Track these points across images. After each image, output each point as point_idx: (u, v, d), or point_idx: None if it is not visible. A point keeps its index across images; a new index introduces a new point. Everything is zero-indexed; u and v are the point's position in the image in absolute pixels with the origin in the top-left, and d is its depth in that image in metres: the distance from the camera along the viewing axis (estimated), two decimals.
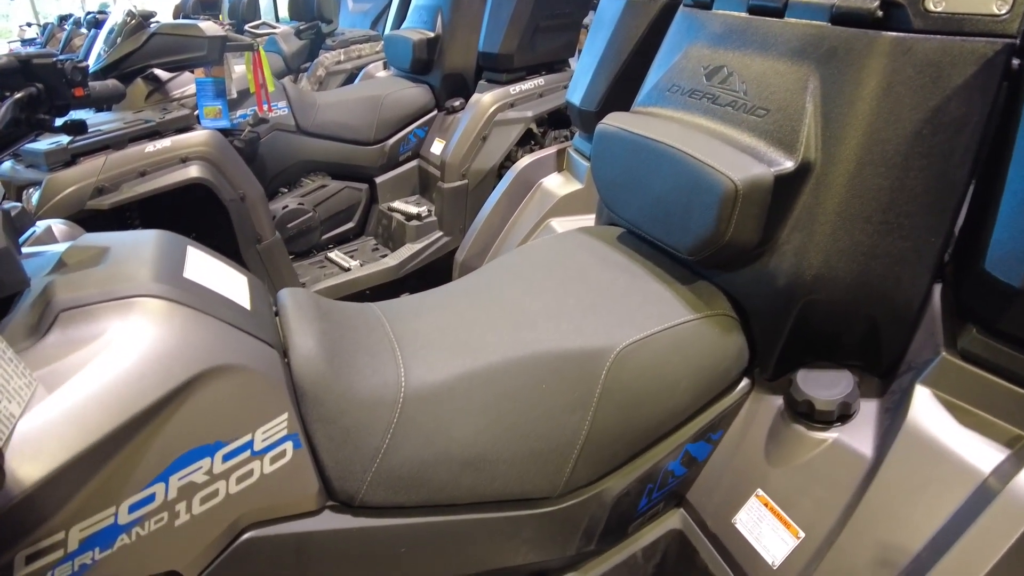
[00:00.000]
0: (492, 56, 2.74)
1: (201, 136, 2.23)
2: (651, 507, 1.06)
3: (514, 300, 1.03)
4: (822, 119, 0.95)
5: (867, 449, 0.94)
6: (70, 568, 0.66)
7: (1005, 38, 0.86)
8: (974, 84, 0.88)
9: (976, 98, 0.88)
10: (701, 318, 1.01)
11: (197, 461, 0.72)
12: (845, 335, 1.02)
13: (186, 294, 0.77)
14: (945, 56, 0.89)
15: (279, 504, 0.80)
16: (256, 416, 0.76)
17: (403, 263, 2.75)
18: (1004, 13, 0.86)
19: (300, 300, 0.93)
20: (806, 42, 1.00)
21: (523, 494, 0.93)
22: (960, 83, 0.88)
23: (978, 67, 0.87)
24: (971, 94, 0.88)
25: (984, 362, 0.90)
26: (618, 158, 1.15)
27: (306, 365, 0.83)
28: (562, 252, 1.18)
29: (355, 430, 0.83)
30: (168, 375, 0.70)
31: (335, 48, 4.33)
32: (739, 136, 1.01)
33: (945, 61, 0.89)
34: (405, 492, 0.86)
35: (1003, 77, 0.87)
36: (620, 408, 0.94)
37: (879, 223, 0.93)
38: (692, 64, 1.16)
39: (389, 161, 2.99)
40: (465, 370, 0.90)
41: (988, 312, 0.88)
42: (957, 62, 0.88)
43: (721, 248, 0.98)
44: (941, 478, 0.85)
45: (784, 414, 1.03)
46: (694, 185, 0.98)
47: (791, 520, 0.96)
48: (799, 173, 0.95)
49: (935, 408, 0.90)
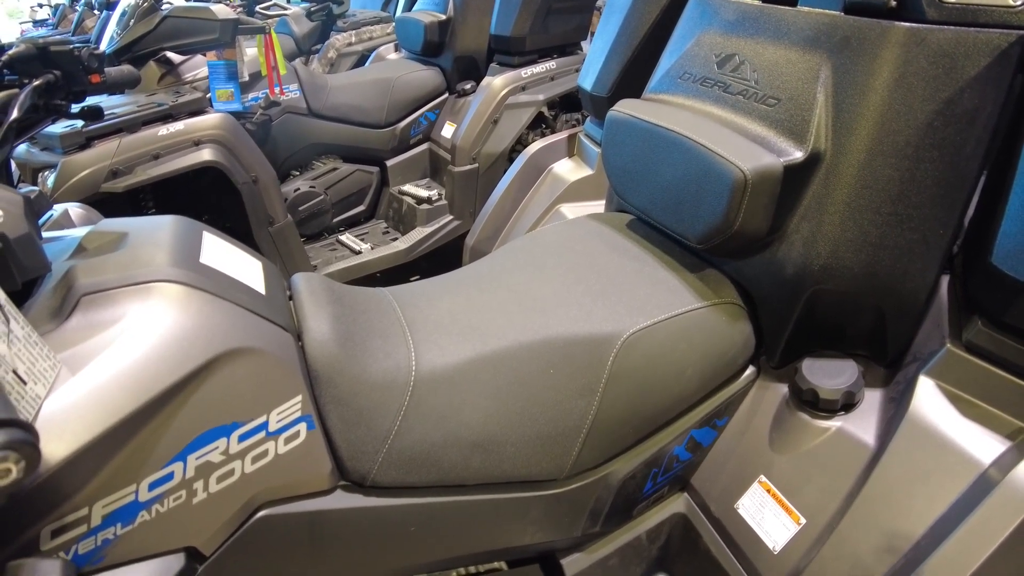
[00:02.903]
0: (504, 39, 2.73)
1: (214, 119, 2.24)
2: (656, 491, 1.07)
3: (524, 286, 1.04)
4: (833, 109, 0.96)
5: (870, 438, 0.95)
6: (93, 543, 0.68)
7: (1020, 29, 0.86)
8: (988, 76, 0.88)
9: (989, 90, 0.88)
10: (708, 306, 1.02)
11: (214, 441, 0.74)
12: (851, 325, 1.03)
13: (202, 279, 0.79)
14: (959, 47, 0.88)
15: (293, 483, 0.82)
16: (271, 398, 0.78)
17: (413, 246, 2.76)
18: (1019, 4, 0.86)
19: (314, 285, 0.94)
20: (819, 31, 0.99)
21: (531, 476, 0.95)
22: (974, 75, 0.88)
23: (992, 59, 0.87)
24: (984, 86, 0.88)
25: (989, 355, 0.91)
26: (629, 145, 1.16)
27: (319, 348, 0.85)
28: (572, 238, 1.19)
29: (367, 412, 0.85)
30: (186, 358, 0.72)
31: (346, 30, 4.32)
32: (749, 125, 1.02)
33: (959, 52, 0.89)
34: (416, 472, 0.88)
35: (1018, 69, 0.87)
36: (626, 394, 0.95)
37: (888, 214, 0.94)
38: (704, 51, 1.16)
39: (400, 144, 3.00)
40: (475, 354, 0.92)
41: (994, 305, 0.89)
42: (971, 53, 0.88)
43: (730, 237, 0.98)
44: (942, 468, 0.86)
45: (789, 402, 1.04)
46: (704, 174, 0.98)
47: (793, 506, 0.97)
48: (809, 163, 0.96)
49: (938, 399, 0.91)
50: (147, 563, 0.72)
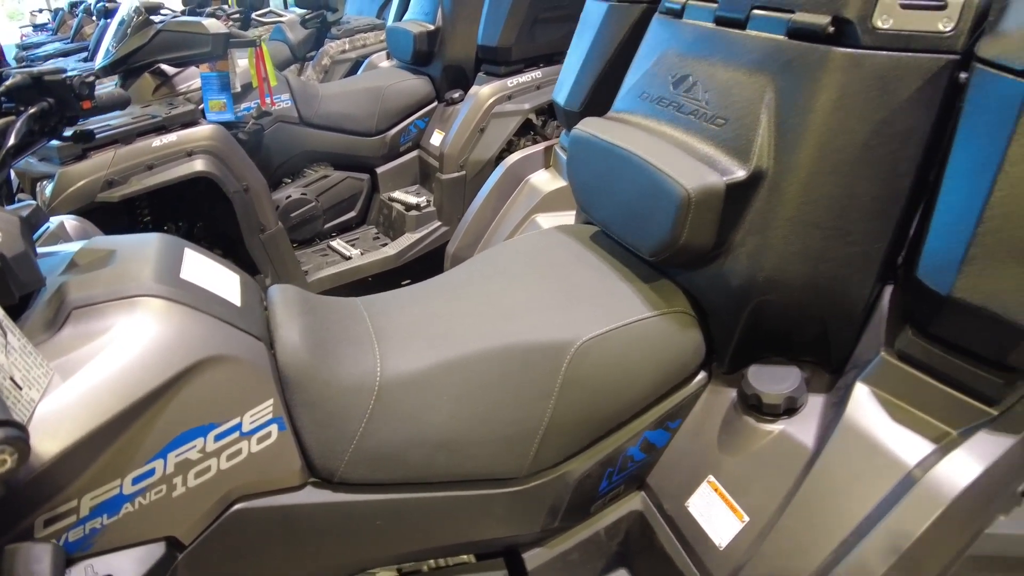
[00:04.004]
0: (490, 48, 2.79)
1: (206, 130, 2.32)
2: (612, 489, 1.14)
3: (489, 295, 1.12)
4: (776, 129, 1.01)
5: (810, 441, 1.01)
6: (82, 532, 0.76)
7: (950, 54, 0.91)
8: (919, 98, 0.93)
9: (922, 111, 0.93)
10: (660, 315, 1.09)
11: (192, 440, 0.82)
12: (796, 333, 1.09)
13: (183, 293, 0.87)
14: (893, 71, 0.94)
15: (265, 480, 0.89)
16: (244, 401, 0.86)
17: (403, 252, 2.83)
18: (949, 31, 0.91)
19: (288, 296, 1.02)
20: (765, 54, 1.05)
21: (492, 474, 1.01)
22: (906, 97, 0.94)
23: (924, 82, 0.93)
24: (917, 107, 0.93)
25: (918, 363, 0.96)
26: (590, 163, 1.23)
27: (290, 355, 0.92)
28: (539, 249, 1.26)
29: (335, 414, 0.92)
30: (166, 365, 0.80)
31: (340, 37, 4.39)
32: (698, 145, 1.08)
33: (893, 76, 0.94)
34: (381, 471, 0.95)
35: (948, 91, 0.92)
36: (580, 397, 1.02)
37: (828, 229, 1.00)
38: (662, 71, 1.23)
39: (390, 151, 3.07)
40: (439, 360, 0.99)
41: (921, 316, 0.95)
42: (904, 77, 0.93)
43: (678, 251, 1.05)
44: (872, 469, 0.92)
45: (737, 406, 1.10)
46: (653, 191, 1.05)
47: (737, 505, 1.03)
48: (752, 181, 1.02)
49: (872, 404, 0.97)
50: (131, 551, 0.80)
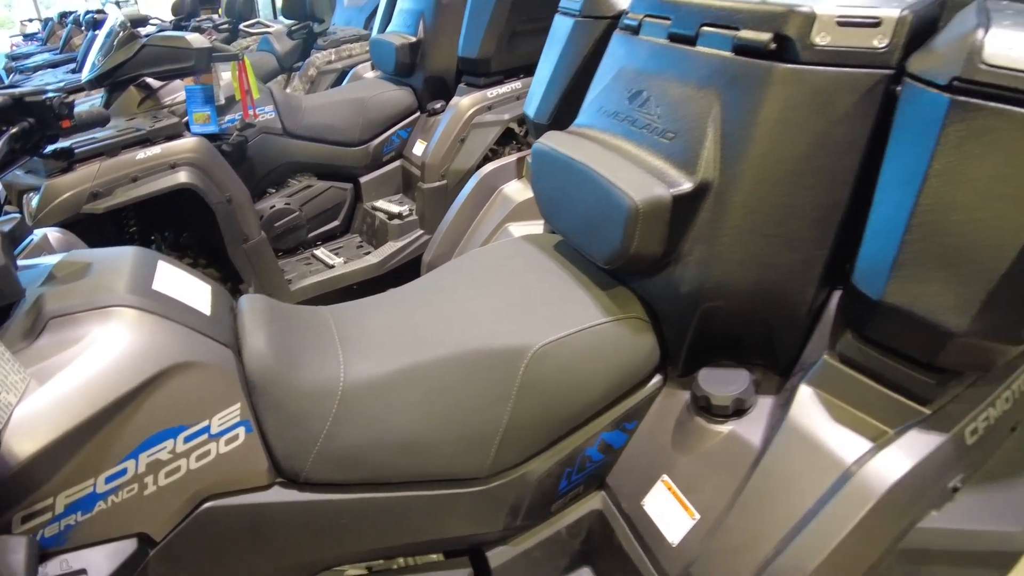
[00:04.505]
0: (470, 60, 2.85)
1: (189, 143, 2.36)
2: (571, 489, 1.19)
3: (451, 303, 1.17)
4: (722, 142, 1.05)
5: (757, 441, 1.05)
6: (57, 528, 0.81)
7: (885, 69, 0.96)
8: (857, 111, 0.97)
9: (858, 123, 0.98)
10: (615, 320, 1.14)
11: (163, 442, 0.87)
12: (744, 337, 1.14)
13: (154, 303, 0.92)
14: (831, 85, 0.98)
15: (234, 479, 0.94)
16: (213, 405, 0.91)
17: (385, 260, 2.88)
18: (883, 47, 0.95)
19: (256, 306, 1.07)
20: (712, 70, 1.09)
21: (454, 474, 1.06)
22: (845, 110, 0.98)
23: (860, 95, 0.97)
24: (854, 120, 0.98)
25: (858, 365, 1.01)
26: (550, 175, 1.28)
27: (256, 361, 0.97)
28: (502, 258, 1.31)
29: (299, 417, 0.97)
30: (137, 371, 0.85)
31: (326, 48, 4.44)
32: (649, 158, 1.13)
33: (831, 90, 0.98)
34: (345, 471, 1.00)
35: (883, 104, 0.97)
36: (537, 400, 1.07)
37: (772, 237, 1.04)
38: (619, 87, 1.27)
39: (373, 161, 3.12)
40: (401, 365, 1.04)
41: (859, 320, 1.00)
42: (842, 91, 0.97)
43: (630, 259, 1.10)
44: (813, 467, 0.96)
45: (689, 408, 1.15)
46: (606, 203, 1.10)
47: (689, 503, 1.08)
48: (698, 192, 1.06)
49: (814, 405, 1.01)
50: (104, 546, 0.85)
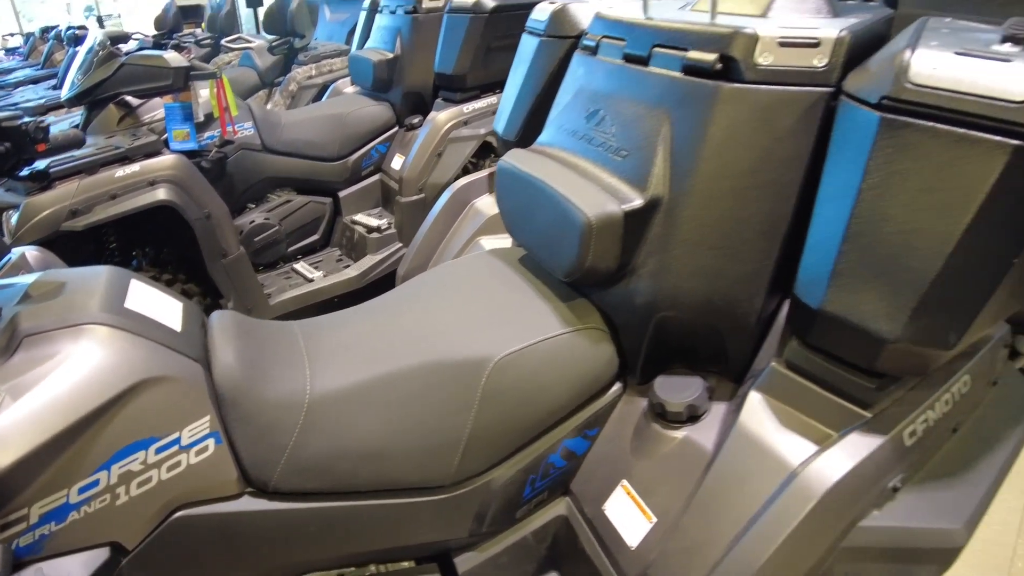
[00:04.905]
0: (446, 76, 2.89)
1: (168, 160, 2.39)
2: (536, 495, 1.22)
3: (418, 316, 1.21)
4: (671, 159, 1.10)
5: (710, 445, 1.09)
6: (32, 537, 0.85)
7: (824, 87, 1.01)
8: (798, 127, 1.02)
9: (800, 139, 1.02)
10: (574, 331, 1.18)
11: (134, 453, 0.91)
12: (698, 346, 1.18)
13: (126, 320, 0.96)
14: (774, 103, 1.02)
15: (204, 489, 0.97)
16: (183, 417, 0.95)
17: (364, 273, 2.92)
18: (823, 66, 1.00)
19: (226, 321, 1.10)
20: (663, 90, 1.13)
21: (419, 483, 1.10)
22: (787, 127, 1.02)
23: (802, 112, 1.01)
24: (796, 136, 1.02)
25: (803, 371, 1.05)
26: (513, 192, 1.32)
27: (225, 375, 1.00)
28: (470, 271, 1.35)
29: (267, 428, 1.00)
30: (109, 385, 0.89)
31: (307, 63, 4.48)
32: (604, 175, 1.17)
33: (774, 107, 1.02)
34: (312, 480, 1.03)
35: (824, 121, 1.01)
36: (499, 409, 1.11)
37: (720, 249, 1.09)
38: (578, 106, 1.32)
39: (352, 176, 3.16)
40: (366, 377, 1.07)
41: (802, 327, 1.04)
42: (784, 108, 1.02)
43: (586, 272, 1.14)
44: (761, 470, 1.00)
45: (647, 414, 1.19)
46: (563, 219, 1.14)
47: (647, 507, 1.12)
48: (648, 208, 1.11)
49: (762, 410, 1.05)
50: (78, 555, 0.88)
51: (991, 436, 1.14)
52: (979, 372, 1.15)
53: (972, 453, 1.10)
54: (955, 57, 0.85)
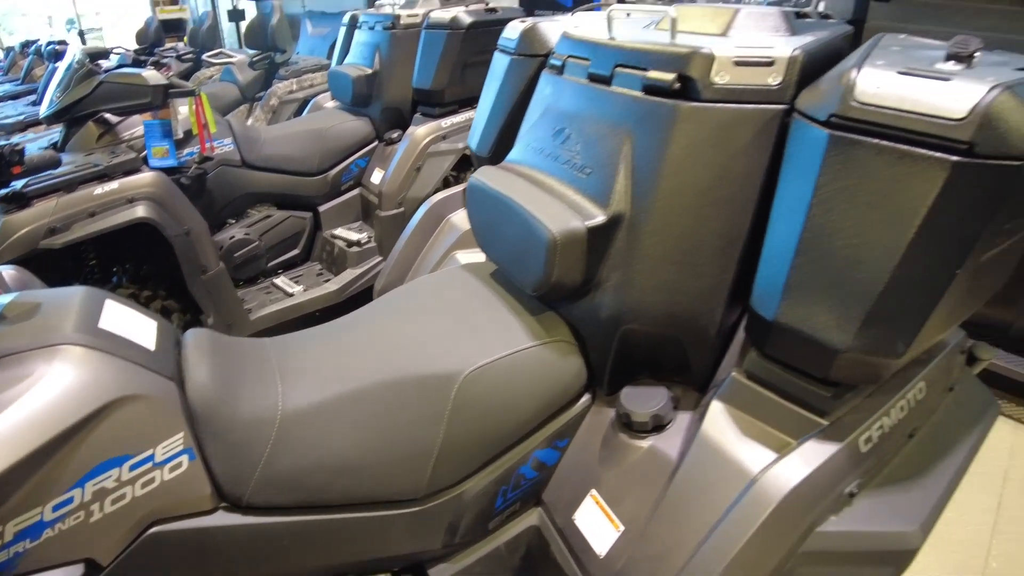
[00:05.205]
0: (424, 91, 2.94)
1: (147, 178, 2.41)
2: (508, 506, 1.25)
3: (387, 331, 1.23)
4: (632, 177, 1.13)
5: (675, 454, 1.12)
6: (6, 555, 0.86)
7: (779, 105, 1.04)
8: (755, 144, 1.05)
9: (756, 156, 1.05)
10: (543, 344, 1.21)
11: (108, 471, 0.92)
12: (662, 357, 1.21)
13: (99, 340, 0.98)
14: (730, 121, 1.05)
15: (178, 505, 0.99)
16: (156, 434, 0.96)
17: (344, 287, 2.94)
18: (777, 84, 1.03)
19: (200, 339, 1.12)
20: (625, 108, 1.16)
21: (391, 496, 1.12)
22: (743, 144, 1.05)
23: (757, 130, 1.04)
24: (752, 153, 1.05)
25: (762, 380, 1.08)
26: (483, 209, 1.35)
27: (198, 392, 1.03)
28: (442, 286, 1.38)
29: (240, 444, 1.02)
30: (82, 405, 0.91)
31: (288, 77, 4.51)
32: (568, 192, 1.20)
33: (731, 125, 1.05)
34: (285, 495, 1.05)
35: (779, 138, 1.04)
36: (470, 422, 1.13)
37: (680, 263, 1.11)
38: (546, 124, 1.35)
39: (332, 190, 3.19)
40: (337, 393, 1.10)
41: (759, 339, 1.07)
42: (741, 126, 1.05)
43: (553, 287, 1.17)
44: (722, 478, 1.02)
45: (614, 425, 1.21)
46: (529, 235, 1.17)
47: (615, 516, 1.14)
48: (611, 224, 1.14)
49: (724, 419, 1.07)
50: (52, 572, 0.90)
51: (947, 440, 1.18)
52: (935, 378, 1.18)
53: (928, 457, 1.13)
54: (898, 76, 0.88)
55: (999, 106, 0.80)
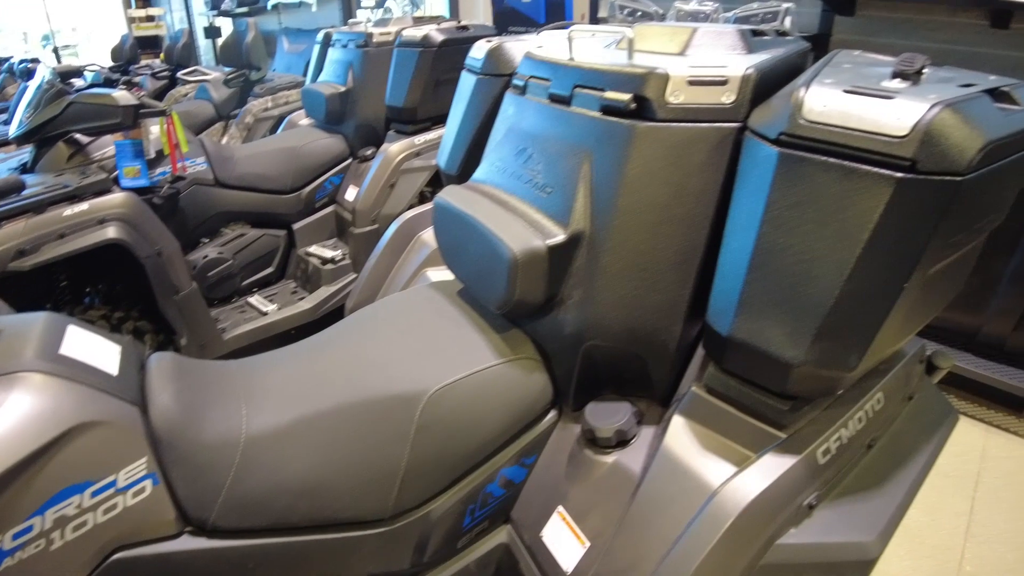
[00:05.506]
0: (397, 109, 2.95)
1: (117, 198, 2.40)
2: (476, 525, 1.25)
3: (354, 351, 1.23)
4: (592, 196, 1.14)
5: (638, 469, 1.12)
6: None
7: (733, 123, 1.05)
8: (709, 162, 1.07)
9: (711, 174, 1.07)
10: (508, 361, 1.22)
11: (69, 498, 0.92)
12: (625, 372, 1.23)
13: (60, 367, 0.97)
14: (685, 140, 1.06)
15: (142, 530, 0.99)
16: (118, 460, 0.96)
17: (319, 305, 2.94)
18: (730, 103, 1.05)
19: (164, 363, 1.12)
20: (583, 128, 1.17)
21: (358, 517, 1.12)
22: (698, 162, 1.07)
23: (712, 148, 1.06)
24: (707, 171, 1.07)
25: (721, 394, 1.09)
26: (449, 227, 1.36)
27: (161, 417, 1.03)
28: (409, 305, 1.39)
29: (204, 468, 1.02)
30: (41, 432, 0.90)
31: (263, 95, 4.51)
32: (530, 212, 1.22)
33: (686, 144, 1.07)
34: (250, 518, 1.05)
35: (733, 155, 1.06)
36: (435, 441, 1.14)
37: (639, 280, 1.13)
38: (509, 143, 1.37)
39: (306, 208, 3.18)
40: (301, 414, 1.10)
41: (716, 353, 1.09)
42: (695, 144, 1.06)
43: (516, 304, 1.18)
44: (683, 492, 1.03)
45: (580, 441, 1.23)
46: (492, 254, 1.18)
47: (580, 532, 1.15)
48: (571, 242, 1.15)
49: (685, 433, 1.08)
50: None
51: (906, 450, 1.20)
52: (893, 388, 1.20)
53: (887, 467, 1.15)
54: (843, 95, 0.90)
55: (940, 123, 0.82)
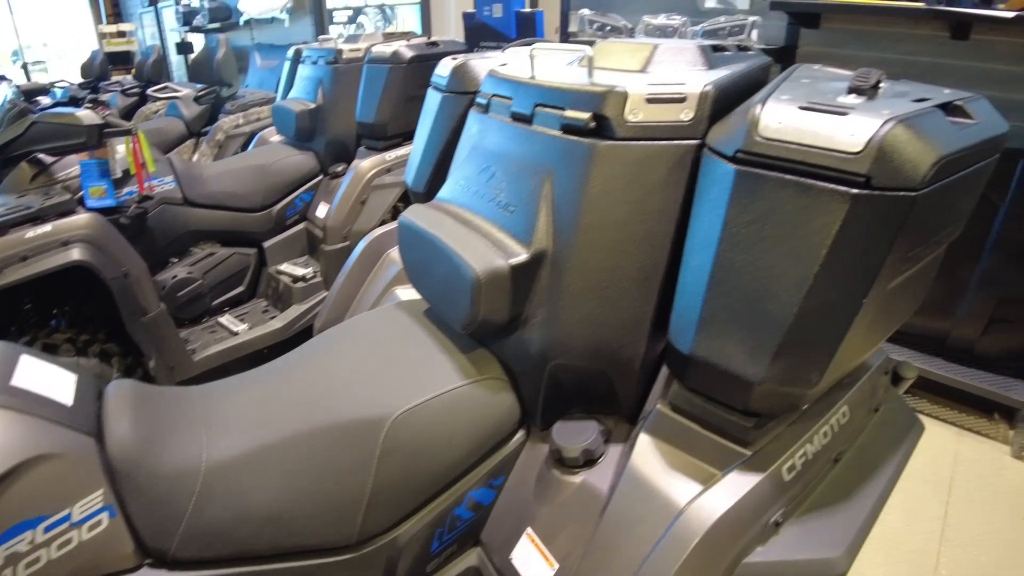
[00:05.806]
0: (368, 125, 2.93)
1: (82, 220, 2.36)
2: (444, 548, 1.23)
3: (318, 374, 1.22)
4: (554, 214, 1.14)
5: (606, 488, 1.12)
6: None
7: (692, 140, 1.05)
8: (669, 180, 1.07)
9: (671, 192, 1.07)
10: (474, 382, 1.21)
11: (21, 534, 0.89)
12: (591, 390, 1.22)
13: (11, 399, 0.95)
14: (645, 158, 1.06)
15: (99, 564, 0.96)
16: (73, 493, 0.94)
17: (290, 324, 2.91)
18: (689, 120, 1.05)
19: (122, 391, 1.10)
20: (545, 147, 1.17)
21: (322, 544, 1.10)
22: (658, 179, 1.07)
23: (671, 165, 1.06)
24: (667, 188, 1.07)
25: (686, 412, 1.09)
26: (414, 247, 1.35)
27: (118, 447, 1.00)
28: (375, 326, 1.37)
29: (163, 499, 1.00)
30: None
31: (234, 111, 4.48)
32: (493, 231, 1.21)
33: (645, 162, 1.06)
34: (212, 548, 1.03)
35: (692, 173, 1.06)
36: (400, 466, 1.12)
37: (602, 298, 1.12)
38: (473, 162, 1.36)
39: (277, 225, 3.16)
40: (263, 441, 1.08)
41: (678, 372, 1.09)
42: (654, 162, 1.06)
43: (480, 324, 1.17)
44: (650, 511, 1.02)
45: (548, 461, 1.22)
46: (455, 274, 1.17)
47: (549, 553, 1.14)
48: (534, 261, 1.15)
49: (651, 452, 1.08)
50: None
51: (873, 462, 1.20)
52: (859, 401, 1.21)
53: (854, 481, 1.15)
54: (799, 111, 0.91)
55: (893, 139, 0.83)
